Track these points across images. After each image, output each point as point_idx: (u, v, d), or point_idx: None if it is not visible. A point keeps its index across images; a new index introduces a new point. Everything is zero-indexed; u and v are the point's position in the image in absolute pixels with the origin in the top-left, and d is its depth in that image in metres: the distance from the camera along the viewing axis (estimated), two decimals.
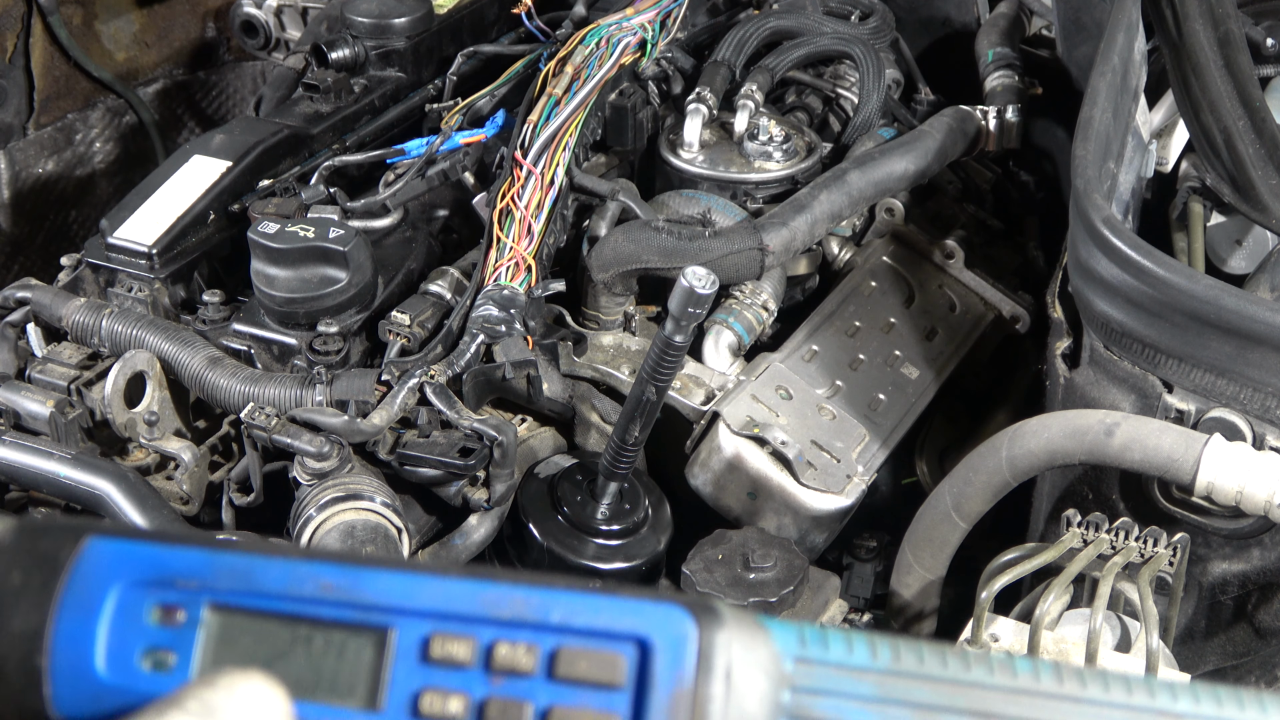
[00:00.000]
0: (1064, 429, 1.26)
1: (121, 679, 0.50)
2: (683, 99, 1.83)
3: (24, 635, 0.50)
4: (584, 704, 0.49)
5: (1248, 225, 1.69)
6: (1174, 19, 1.60)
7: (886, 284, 1.81)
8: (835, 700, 0.49)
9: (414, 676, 0.50)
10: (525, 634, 0.50)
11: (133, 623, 0.51)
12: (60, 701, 0.50)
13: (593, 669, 0.49)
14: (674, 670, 0.48)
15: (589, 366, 1.60)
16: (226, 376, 1.45)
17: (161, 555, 0.52)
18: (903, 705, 0.49)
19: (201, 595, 0.51)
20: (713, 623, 0.49)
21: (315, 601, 0.51)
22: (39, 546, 0.52)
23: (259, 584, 0.51)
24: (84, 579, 0.51)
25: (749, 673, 0.49)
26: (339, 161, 1.76)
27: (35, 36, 2.26)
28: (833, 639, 0.51)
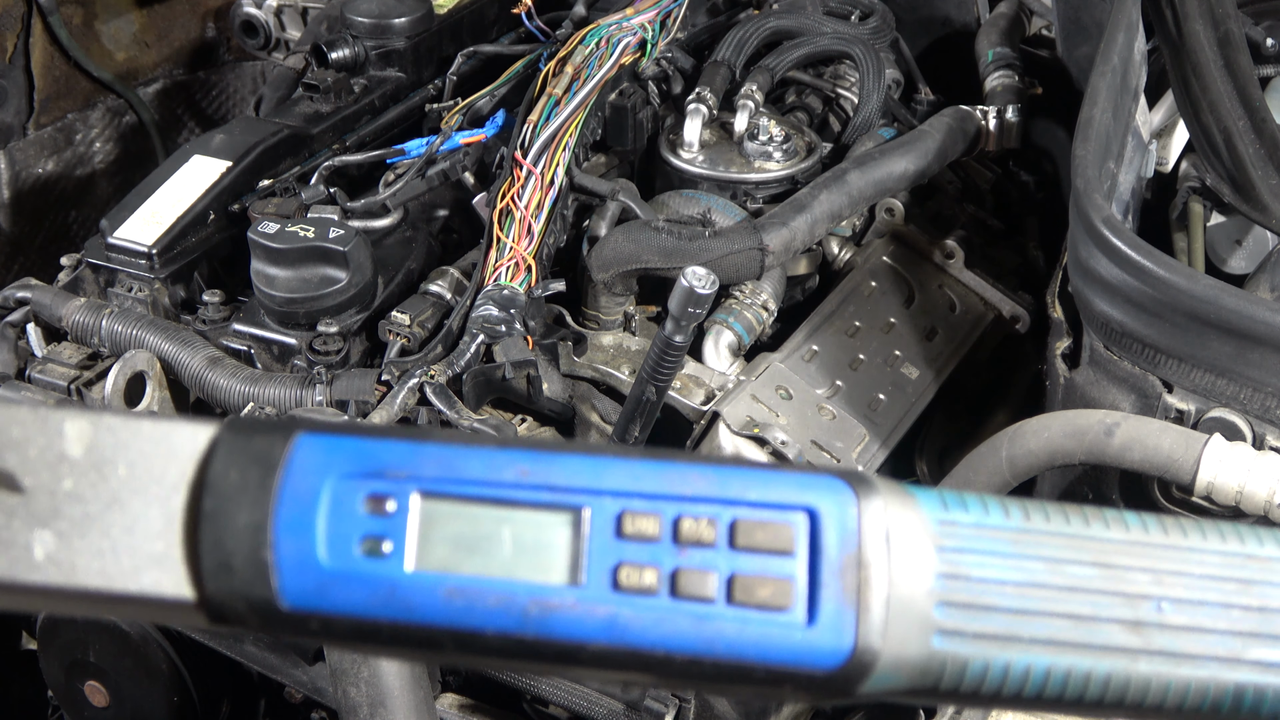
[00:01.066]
0: (1064, 429, 1.26)
1: (343, 566, 0.52)
2: (683, 99, 1.84)
3: (248, 530, 0.52)
4: (764, 570, 0.53)
5: (1248, 225, 1.69)
6: (1174, 19, 1.60)
7: (886, 284, 1.81)
8: (977, 556, 0.54)
9: (610, 551, 0.53)
10: (706, 508, 0.53)
11: (348, 513, 0.53)
12: (287, 590, 0.52)
13: (768, 538, 0.53)
14: (840, 535, 0.53)
15: (589, 366, 1.60)
16: (226, 376, 1.45)
17: (369, 447, 0.54)
18: (1035, 559, 0.54)
19: (409, 484, 0.53)
20: (870, 491, 0.54)
21: (514, 485, 0.54)
22: (253, 444, 0.54)
23: (461, 471, 0.54)
24: (299, 473, 0.53)
25: (904, 534, 0.53)
26: (339, 161, 1.76)
27: (35, 36, 2.26)
28: (970, 502, 0.56)
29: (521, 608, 0.52)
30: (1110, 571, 0.55)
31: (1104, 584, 0.54)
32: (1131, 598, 0.54)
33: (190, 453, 0.54)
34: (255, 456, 0.54)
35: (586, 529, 0.53)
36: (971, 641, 0.53)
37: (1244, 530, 0.57)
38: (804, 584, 0.52)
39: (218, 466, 0.53)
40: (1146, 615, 0.54)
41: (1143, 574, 0.55)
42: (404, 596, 0.52)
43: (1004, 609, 0.53)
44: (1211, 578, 0.55)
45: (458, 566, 0.53)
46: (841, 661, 0.52)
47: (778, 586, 0.52)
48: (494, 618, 0.52)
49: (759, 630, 0.52)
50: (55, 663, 1.63)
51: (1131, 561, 0.55)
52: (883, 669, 0.52)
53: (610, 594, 0.53)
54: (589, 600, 0.52)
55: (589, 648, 0.52)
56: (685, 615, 0.52)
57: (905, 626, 0.52)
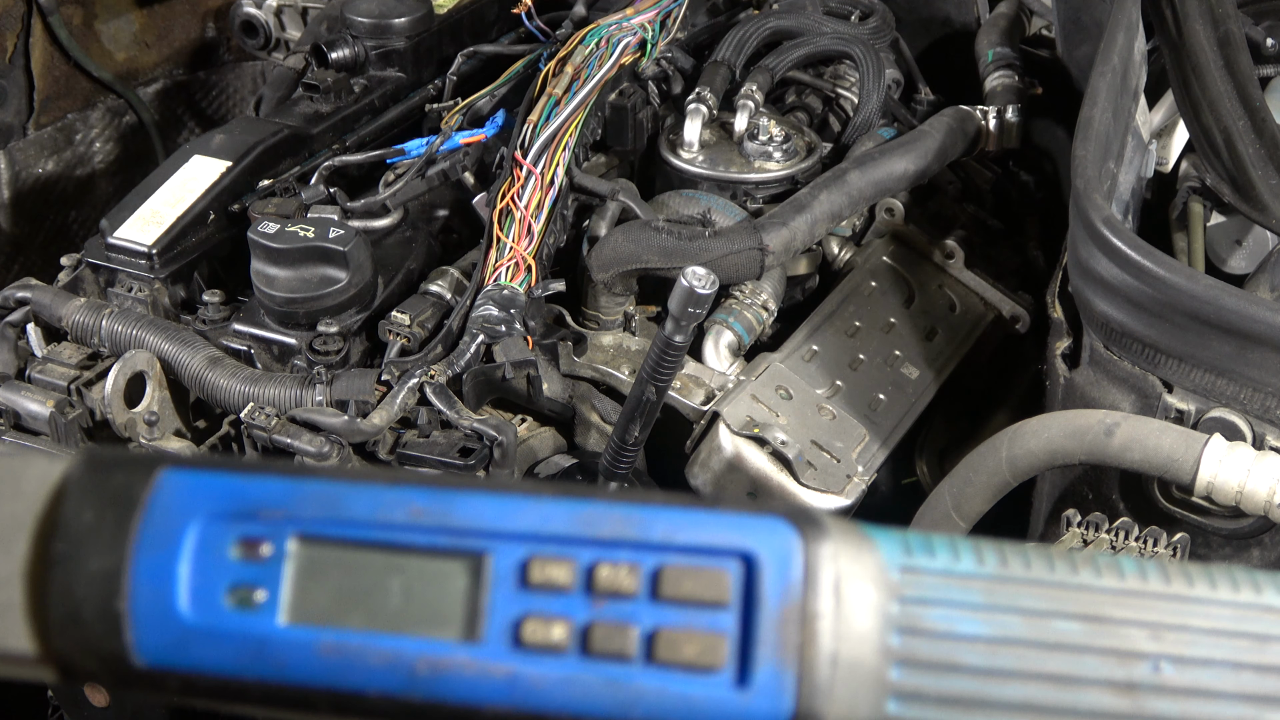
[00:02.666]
0: (1064, 429, 1.26)
1: (207, 618, 0.48)
2: (683, 99, 1.83)
3: (101, 577, 0.47)
4: (690, 624, 0.47)
5: (1248, 225, 1.69)
6: (1174, 19, 1.60)
7: (886, 284, 1.81)
8: (944, 609, 0.48)
9: (514, 603, 0.47)
10: (626, 553, 0.48)
11: (215, 558, 0.48)
12: (143, 645, 0.47)
13: (697, 587, 0.47)
14: (781, 585, 0.47)
15: (589, 366, 1.60)
16: (226, 376, 1.45)
17: (242, 485, 0.49)
18: (1012, 611, 0.48)
19: (286, 526, 0.48)
20: (817, 534, 0.48)
21: (406, 528, 0.48)
22: (111, 481, 0.49)
23: (346, 511, 0.48)
24: (161, 514, 0.48)
25: (857, 584, 0.48)
26: (339, 161, 1.76)
27: (35, 36, 2.26)
28: (938, 546, 0.50)
29: (409, 667, 0.47)
30: (1100, 625, 0.48)
31: (1092, 640, 0.48)
32: (1124, 655, 0.48)
33: (41, 490, 0.49)
34: (113, 495, 0.48)
35: (488, 577, 0.47)
36: (934, 707, 0.47)
37: (1260, 578, 0.50)
38: (736, 640, 0.46)
39: (71, 505, 0.48)
40: (1142, 676, 0.48)
41: (1138, 628, 0.48)
42: (276, 654, 0.47)
43: (973, 669, 0.47)
44: (1220, 633, 0.48)
45: (339, 620, 0.47)
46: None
47: (706, 643, 0.46)
48: (377, 678, 0.47)
49: (683, 693, 0.46)
50: None
51: (1125, 614, 0.48)
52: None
53: (511, 651, 0.47)
54: (487, 658, 0.47)
55: (485, 712, 0.47)
56: (598, 676, 0.46)
57: (855, 689, 0.46)
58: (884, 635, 0.47)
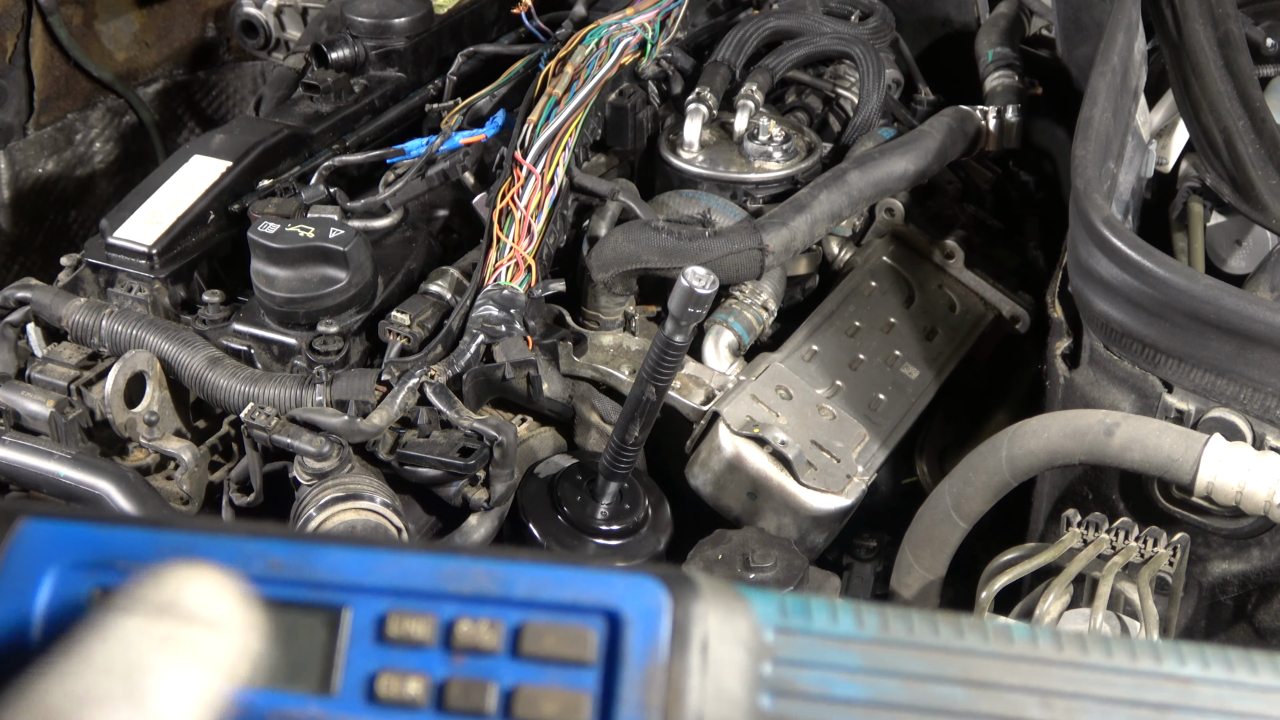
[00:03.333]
0: (1064, 429, 1.26)
1: None
2: (683, 99, 1.83)
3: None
4: (551, 682, 0.46)
5: (1248, 225, 1.69)
6: (1174, 19, 1.60)
7: (886, 284, 1.81)
8: (820, 672, 0.47)
9: (369, 657, 0.47)
10: (488, 610, 0.47)
11: (71, 607, 0.48)
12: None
13: (560, 645, 0.46)
14: (647, 644, 0.46)
15: (589, 366, 1.60)
16: (226, 376, 1.45)
17: (101, 536, 0.49)
18: (892, 675, 0.47)
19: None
20: (687, 593, 0.47)
21: (264, 580, 0.48)
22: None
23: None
24: (19, 562, 0.48)
25: (727, 645, 0.46)
26: (339, 161, 1.76)
27: (35, 36, 2.26)
28: (815, 608, 0.49)
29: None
30: (984, 691, 0.46)
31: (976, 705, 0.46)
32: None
33: None
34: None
35: (345, 631, 0.47)
36: None
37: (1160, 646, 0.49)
38: (597, 699, 0.45)
39: None
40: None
41: (1025, 694, 0.46)
42: None
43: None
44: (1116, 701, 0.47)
45: None
46: None
47: (568, 701, 0.45)
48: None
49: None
50: None
51: (1013, 680, 0.47)
52: None
53: (365, 707, 0.46)
54: (340, 713, 0.46)
55: None
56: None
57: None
58: (754, 696, 0.46)
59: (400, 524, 1.33)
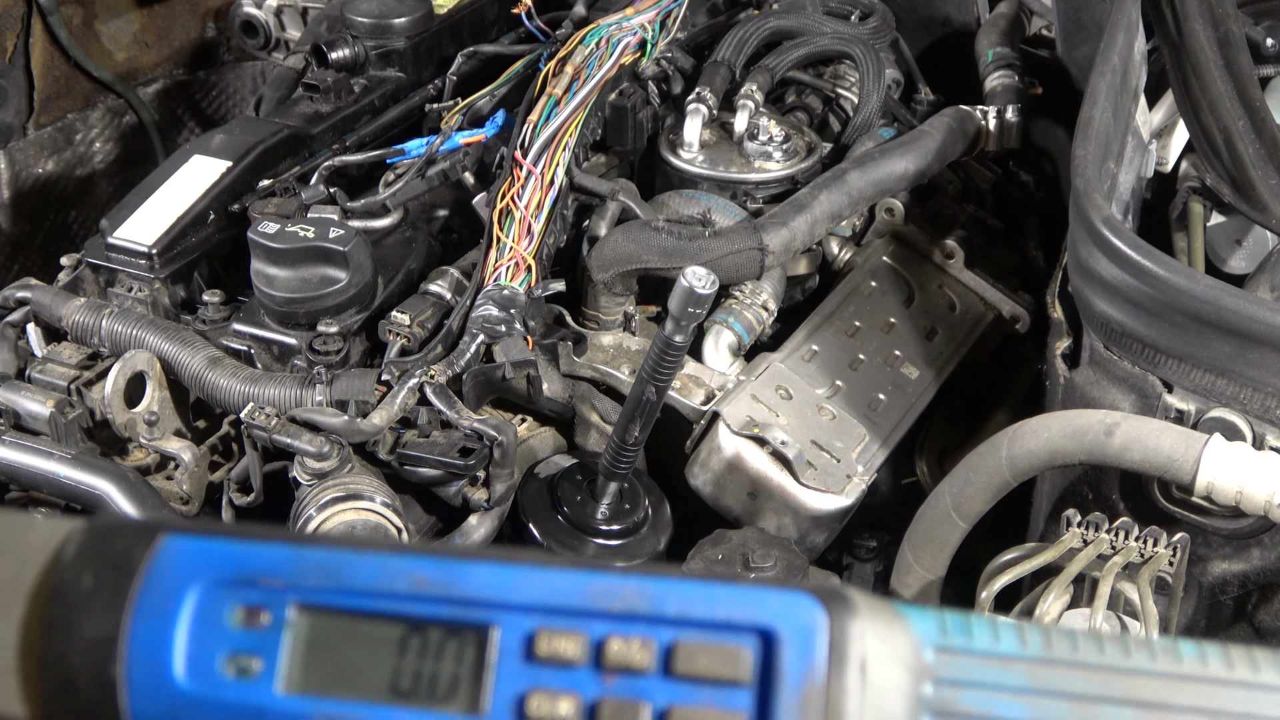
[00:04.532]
0: (1064, 429, 1.26)
1: (203, 687, 0.46)
2: (683, 99, 1.83)
3: (97, 643, 0.46)
4: (705, 702, 0.45)
5: (1248, 225, 1.69)
6: (1174, 19, 1.60)
7: (886, 284, 1.81)
8: (982, 692, 0.45)
9: (519, 677, 0.46)
10: (639, 628, 0.46)
11: (214, 626, 0.47)
12: (138, 714, 0.46)
13: (713, 664, 0.45)
14: (803, 663, 0.45)
15: (589, 366, 1.60)
16: (226, 376, 1.45)
17: (243, 552, 0.48)
18: (1057, 696, 0.45)
19: (287, 594, 0.47)
20: (844, 611, 0.46)
21: (410, 598, 0.47)
22: (111, 547, 0.48)
23: (348, 581, 0.47)
24: (160, 580, 0.47)
25: (886, 665, 0.45)
26: (339, 161, 1.76)
27: (35, 36, 2.26)
28: (976, 626, 0.48)
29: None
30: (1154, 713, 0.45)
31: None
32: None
33: (40, 553, 0.48)
34: (113, 559, 0.47)
35: (493, 651, 0.46)
36: None
37: None
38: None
39: (69, 570, 0.47)
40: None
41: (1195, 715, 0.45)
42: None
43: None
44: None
45: (338, 691, 0.46)
46: None
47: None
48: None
49: None
50: None
51: (1181, 700, 0.45)
52: None
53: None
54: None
55: None
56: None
57: None
58: (915, 718, 0.45)
59: (400, 524, 1.33)
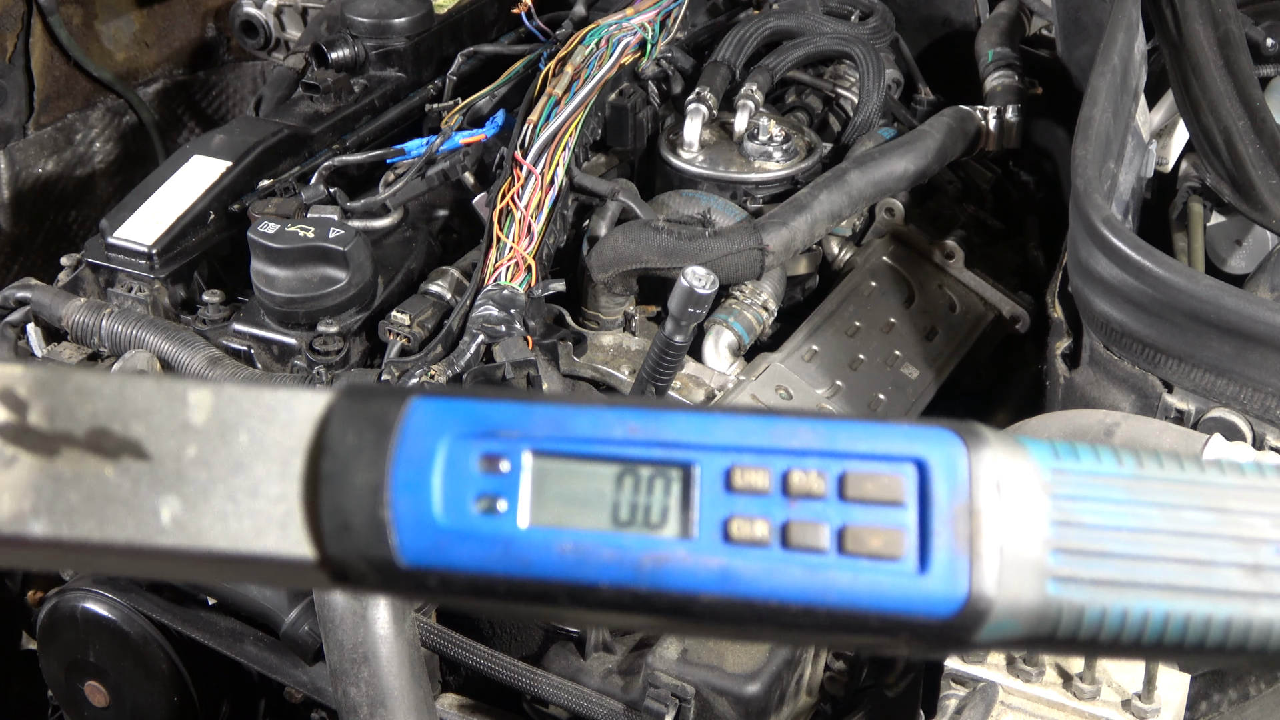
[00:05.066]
0: (1064, 429, 1.26)
1: (459, 523, 0.53)
2: (683, 99, 1.83)
3: (367, 490, 0.53)
4: (874, 520, 0.53)
5: (1248, 225, 1.69)
6: (1174, 19, 1.60)
7: (886, 284, 1.81)
8: (1090, 503, 0.54)
9: (721, 505, 0.53)
10: (814, 461, 0.54)
11: (462, 472, 0.54)
12: (405, 549, 0.53)
13: (879, 489, 0.53)
14: (950, 486, 0.53)
15: (589, 366, 1.60)
16: (226, 376, 1.45)
17: (481, 409, 0.55)
18: (1149, 505, 0.54)
19: (521, 443, 0.54)
20: (978, 442, 0.54)
21: (624, 442, 0.54)
22: (369, 408, 0.55)
23: (572, 430, 0.55)
24: (414, 435, 0.54)
25: (1015, 483, 0.53)
26: (339, 161, 1.76)
27: (35, 36, 2.26)
28: (1081, 451, 0.56)
29: (635, 561, 0.53)
30: (1227, 516, 0.54)
31: (1221, 529, 0.54)
32: (1250, 541, 0.54)
33: (308, 418, 0.55)
34: (371, 420, 0.55)
35: (697, 483, 0.54)
36: (1088, 588, 0.53)
37: None
38: (915, 533, 0.53)
39: (335, 430, 0.55)
40: (1267, 559, 0.53)
41: (1261, 518, 0.54)
42: (520, 552, 0.53)
43: (1119, 555, 0.53)
44: None
45: (571, 522, 0.54)
46: (956, 609, 0.52)
47: (889, 536, 0.52)
48: (609, 571, 0.53)
49: (872, 579, 0.52)
50: (55, 663, 1.63)
51: (1249, 506, 0.54)
52: (998, 616, 0.52)
53: (722, 546, 0.53)
54: (702, 552, 0.53)
55: (702, 599, 0.53)
56: (797, 566, 0.53)
57: (1020, 574, 0.52)
58: (1041, 527, 0.53)
59: None
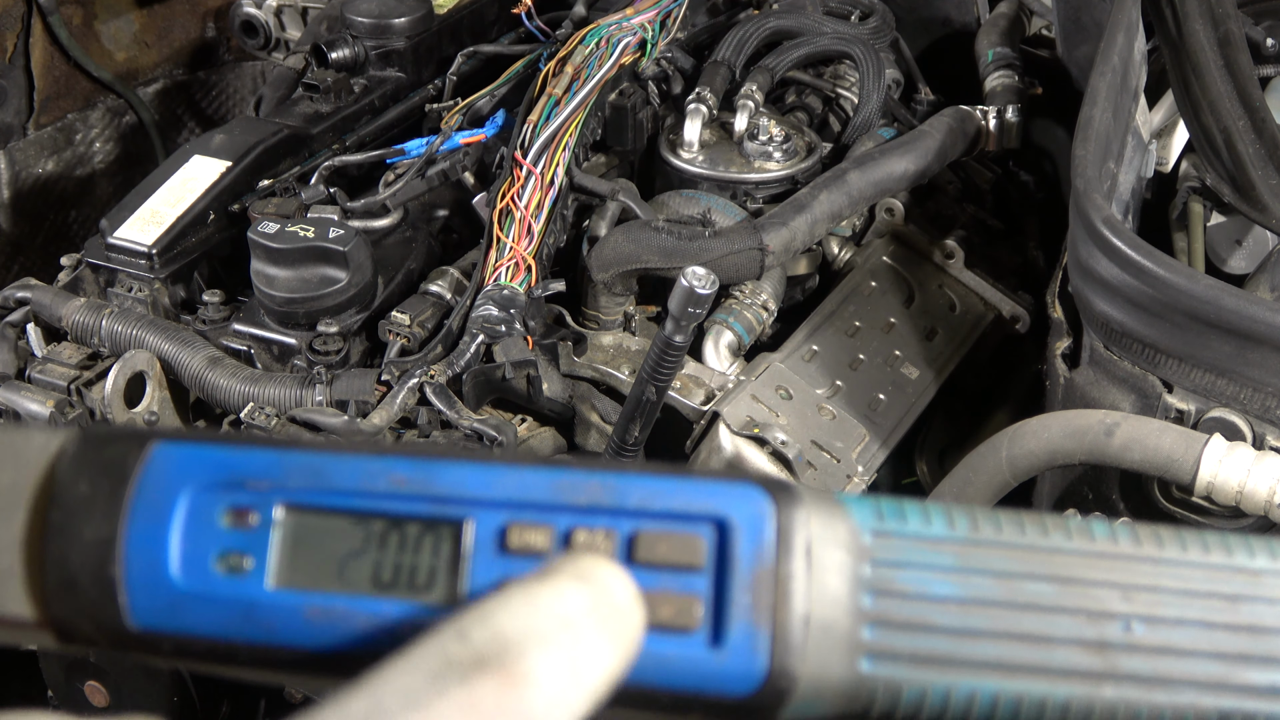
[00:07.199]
0: (1064, 429, 1.26)
1: (197, 583, 0.49)
2: (683, 99, 1.83)
3: (96, 544, 0.49)
4: (665, 586, 0.48)
5: (1248, 225, 1.69)
6: (1174, 19, 1.60)
7: (886, 284, 1.81)
8: (915, 571, 0.49)
9: (493, 567, 0.49)
10: (602, 520, 0.49)
11: (205, 526, 0.50)
12: (137, 609, 0.49)
13: (672, 551, 0.49)
14: (754, 549, 0.48)
15: (589, 366, 1.60)
16: (226, 376, 1.45)
17: (230, 457, 0.51)
18: (983, 574, 0.50)
19: (273, 495, 0.50)
20: (790, 500, 0.49)
21: (388, 496, 0.50)
22: (104, 454, 0.51)
23: (330, 481, 0.50)
24: (153, 484, 0.50)
25: (829, 548, 0.49)
26: (339, 161, 1.76)
27: (35, 36, 2.26)
28: (909, 511, 0.51)
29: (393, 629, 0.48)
30: (1070, 587, 0.50)
31: (1063, 600, 0.49)
32: (1096, 615, 0.49)
33: (39, 463, 0.51)
34: (107, 466, 0.50)
35: (468, 543, 0.49)
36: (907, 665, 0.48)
37: (1230, 540, 0.52)
38: (710, 602, 0.48)
39: (66, 476, 0.50)
40: (1113, 635, 0.49)
41: (1108, 589, 0.50)
42: (264, 617, 0.49)
43: (946, 629, 0.49)
44: (1191, 593, 0.50)
45: (325, 585, 0.49)
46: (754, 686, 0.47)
47: (681, 604, 0.48)
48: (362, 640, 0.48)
49: (660, 652, 0.48)
50: (55, 663, 1.63)
51: (1096, 575, 0.50)
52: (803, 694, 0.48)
53: None
54: None
55: None
56: None
57: (828, 648, 0.48)
58: (856, 596, 0.49)
59: None
